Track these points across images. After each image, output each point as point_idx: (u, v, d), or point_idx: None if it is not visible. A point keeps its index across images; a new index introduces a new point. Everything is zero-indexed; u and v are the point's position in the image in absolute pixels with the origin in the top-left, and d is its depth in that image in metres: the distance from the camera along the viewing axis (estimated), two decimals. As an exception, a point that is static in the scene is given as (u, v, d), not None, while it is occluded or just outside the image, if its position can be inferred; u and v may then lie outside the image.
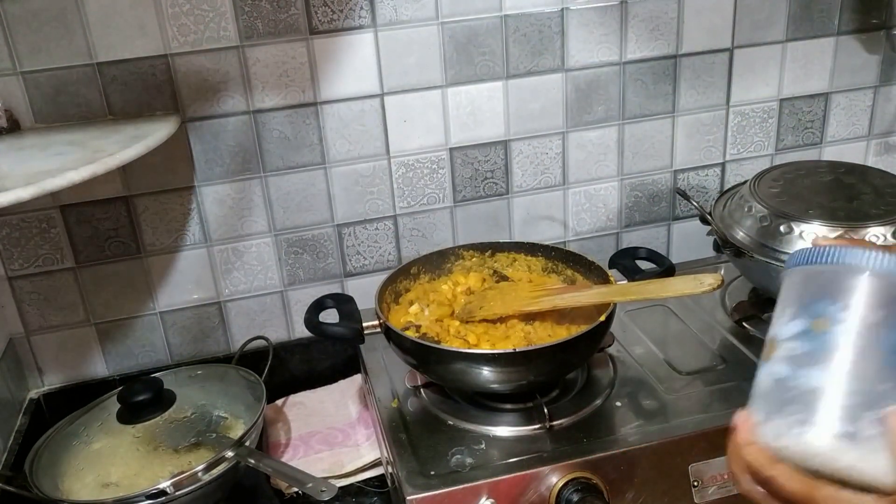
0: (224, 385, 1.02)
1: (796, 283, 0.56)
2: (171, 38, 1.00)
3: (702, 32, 1.18)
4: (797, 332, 0.55)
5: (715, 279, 0.80)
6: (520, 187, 1.20)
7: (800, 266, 0.55)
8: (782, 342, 0.55)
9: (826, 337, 0.52)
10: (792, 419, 0.52)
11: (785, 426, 0.53)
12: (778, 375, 0.54)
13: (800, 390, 0.53)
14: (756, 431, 0.54)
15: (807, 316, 0.54)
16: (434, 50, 1.09)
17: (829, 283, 0.54)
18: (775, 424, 0.53)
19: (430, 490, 0.80)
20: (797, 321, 0.55)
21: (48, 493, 0.85)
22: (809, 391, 0.52)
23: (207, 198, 1.09)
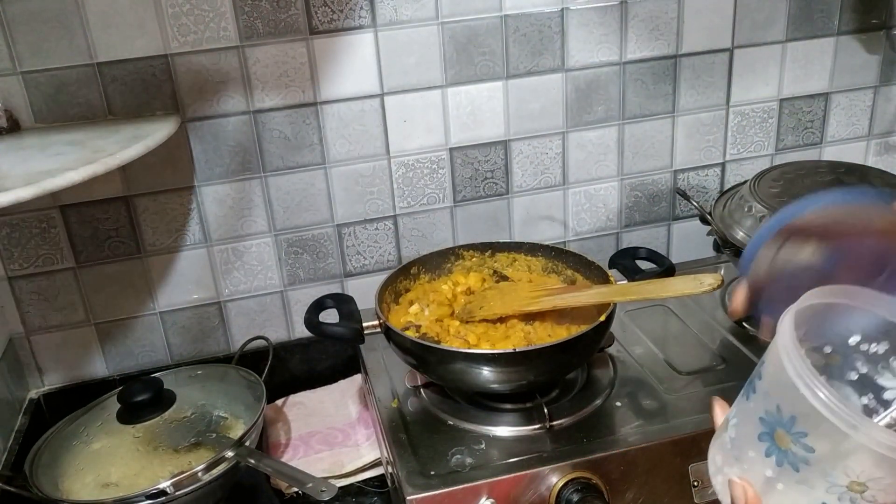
0: (224, 385, 1.02)
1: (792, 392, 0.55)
2: (171, 38, 1.00)
3: (702, 32, 1.18)
4: (754, 374, 0.55)
5: (715, 279, 0.80)
6: (520, 187, 1.20)
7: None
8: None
9: (751, 384, 0.53)
10: (713, 456, 0.56)
11: (713, 461, 0.56)
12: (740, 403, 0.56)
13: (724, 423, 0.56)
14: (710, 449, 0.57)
15: (759, 363, 0.54)
16: (434, 50, 1.09)
17: (775, 359, 0.52)
18: (713, 458, 0.56)
19: (430, 490, 0.80)
20: (765, 405, 0.53)
21: (48, 493, 0.85)
22: (725, 420, 0.56)
23: (207, 198, 1.09)
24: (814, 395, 0.47)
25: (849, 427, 0.46)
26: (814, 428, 0.48)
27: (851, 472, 0.47)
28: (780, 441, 0.50)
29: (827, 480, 0.48)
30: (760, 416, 0.51)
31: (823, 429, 0.47)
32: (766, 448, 0.51)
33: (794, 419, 0.49)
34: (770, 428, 0.50)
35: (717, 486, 0.55)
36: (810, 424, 0.48)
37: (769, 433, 0.50)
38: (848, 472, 0.47)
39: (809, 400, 0.47)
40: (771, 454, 0.50)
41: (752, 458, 0.52)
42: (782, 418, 0.49)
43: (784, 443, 0.50)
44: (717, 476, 0.55)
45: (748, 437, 0.52)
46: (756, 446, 0.51)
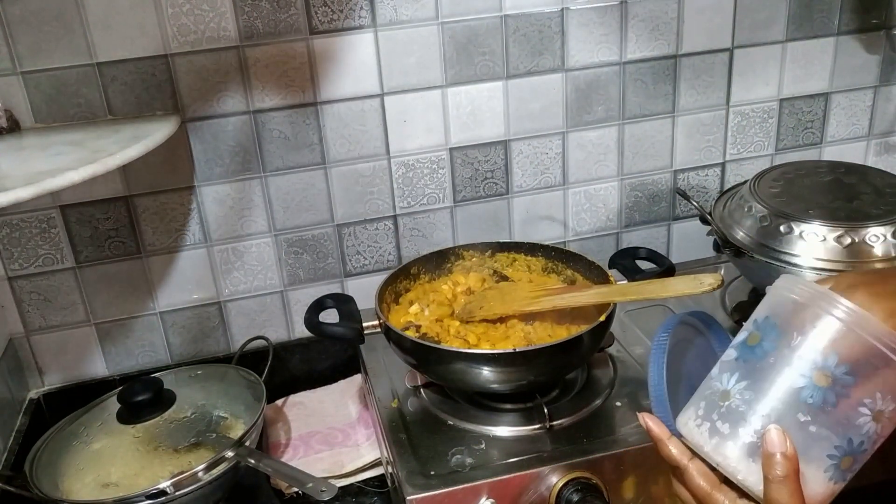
0: (224, 385, 1.02)
1: (767, 298, 0.60)
2: (171, 38, 1.00)
3: (702, 32, 1.18)
4: (738, 341, 0.60)
5: (715, 279, 0.80)
6: (520, 187, 1.20)
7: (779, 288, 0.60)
8: (730, 347, 0.60)
9: (754, 350, 0.57)
10: (707, 420, 0.58)
11: (703, 427, 0.58)
12: (711, 374, 0.60)
13: (713, 391, 0.59)
14: (683, 427, 0.60)
15: (751, 328, 0.59)
16: (434, 50, 1.09)
17: (777, 305, 0.59)
18: (697, 423, 0.59)
19: (430, 490, 0.80)
20: (743, 331, 0.60)
21: (48, 493, 0.85)
22: (720, 393, 0.58)
23: (207, 198, 1.09)
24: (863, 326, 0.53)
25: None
26: (857, 359, 0.53)
27: (881, 400, 0.53)
28: (821, 380, 0.54)
29: (860, 411, 0.53)
30: (792, 363, 0.55)
31: (869, 355, 0.53)
32: (803, 392, 0.54)
33: (838, 355, 0.53)
34: (808, 371, 0.54)
35: (723, 450, 0.57)
36: (855, 355, 0.53)
37: (808, 377, 0.54)
38: (877, 400, 0.53)
39: (854, 327, 0.53)
40: (809, 396, 0.54)
41: (779, 408, 0.55)
42: (825, 359, 0.54)
43: (825, 380, 0.54)
44: (725, 441, 0.57)
45: (772, 391, 0.55)
46: (787, 395, 0.55)
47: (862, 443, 0.54)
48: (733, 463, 0.56)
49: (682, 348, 0.68)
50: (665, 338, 0.66)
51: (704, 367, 0.62)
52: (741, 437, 0.56)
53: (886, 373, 0.53)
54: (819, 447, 0.54)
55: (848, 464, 0.55)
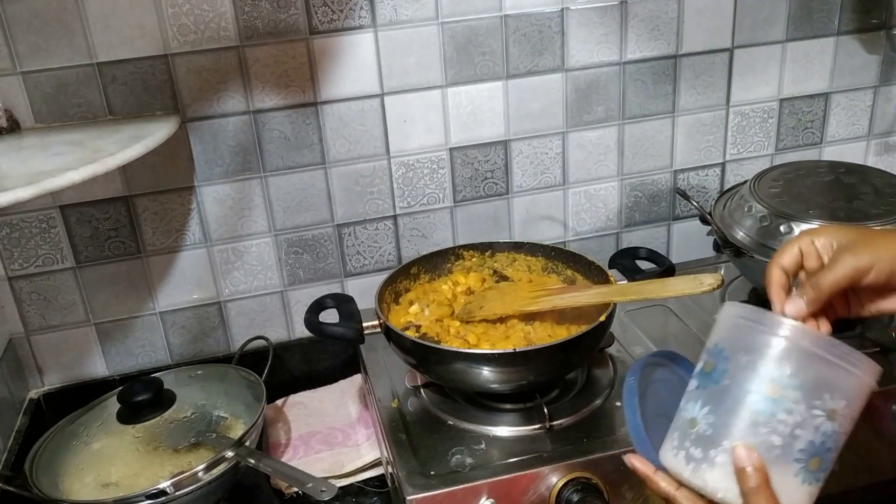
0: (224, 385, 1.02)
1: (715, 327, 0.65)
2: (171, 38, 1.00)
3: (702, 32, 1.18)
4: (697, 371, 0.64)
5: (715, 279, 0.80)
6: (520, 187, 1.20)
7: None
8: (692, 377, 0.64)
9: (710, 376, 0.62)
10: (682, 448, 0.62)
11: (680, 455, 0.62)
12: (680, 406, 0.64)
13: (683, 421, 0.63)
14: (664, 459, 0.64)
15: (705, 356, 0.64)
16: (434, 50, 1.09)
17: (724, 331, 0.63)
18: (674, 453, 0.63)
19: (430, 490, 0.80)
20: (700, 360, 0.64)
21: (48, 493, 0.85)
22: (688, 421, 0.62)
23: (207, 198, 1.09)
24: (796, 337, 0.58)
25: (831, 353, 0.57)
26: (798, 367, 0.58)
27: (830, 399, 0.57)
28: (771, 392, 0.58)
29: (813, 414, 0.57)
30: (743, 383, 0.59)
31: (807, 360, 0.58)
32: (757, 406, 0.58)
33: (780, 367, 0.58)
34: (758, 387, 0.58)
35: (702, 474, 0.60)
36: (795, 365, 0.58)
37: (759, 391, 0.58)
38: (827, 401, 0.57)
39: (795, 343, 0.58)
40: (763, 409, 0.58)
41: (740, 426, 0.59)
42: (769, 372, 0.58)
43: (775, 391, 0.58)
44: (701, 465, 0.60)
45: (731, 411, 0.59)
46: (744, 413, 0.59)
47: (824, 442, 0.58)
48: (711, 484, 0.60)
49: (657, 387, 0.73)
50: (633, 381, 0.71)
51: (678, 400, 0.66)
52: (713, 459, 0.60)
53: (829, 374, 0.57)
54: (784, 454, 0.58)
55: (816, 464, 0.58)
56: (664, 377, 0.74)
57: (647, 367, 0.73)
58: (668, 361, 0.76)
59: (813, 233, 0.65)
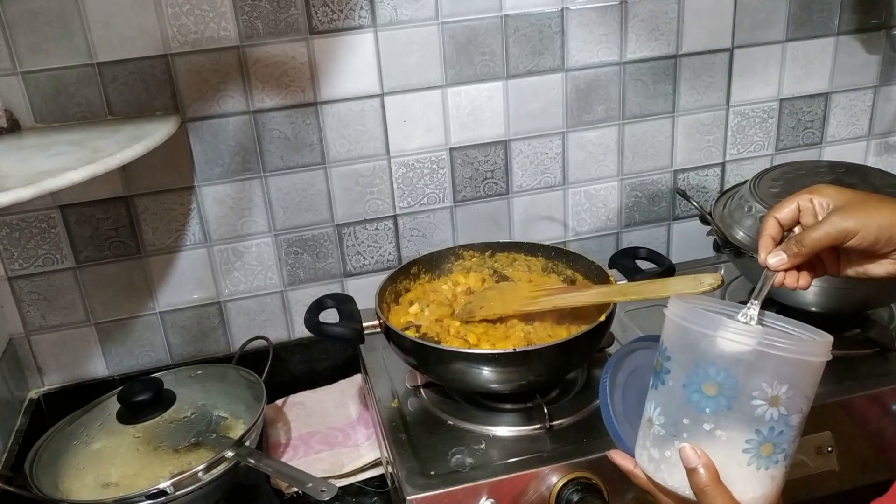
0: (224, 385, 1.02)
1: (664, 325, 0.66)
2: (171, 38, 1.00)
3: (702, 32, 1.18)
4: (654, 371, 0.65)
5: (715, 279, 0.80)
6: (520, 187, 1.20)
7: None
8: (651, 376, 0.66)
9: (659, 375, 0.63)
10: (643, 447, 0.65)
11: (644, 455, 0.65)
12: (645, 407, 0.66)
13: (644, 420, 0.65)
14: (637, 457, 0.66)
15: (657, 355, 0.65)
16: (434, 50, 1.09)
17: (667, 330, 0.64)
18: (639, 452, 0.66)
19: (430, 490, 0.80)
20: (655, 362, 0.66)
21: (48, 493, 0.85)
22: (647, 421, 0.64)
23: (207, 198, 1.09)
24: (721, 330, 0.59)
25: (757, 341, 0.57)
26: (729, 361, 0.58)
27: (768, 387, 0.58)
28: (708, 389, 0.59)
29: (753, 405, 0.58)
30: (683, 383, 0.61)
31: (737, 354, 0.58)
32: (699, 405, 0.60)
33: (713, 364, 0.59)
34: (696, 386, 0.60)
35: (662, 474, 0.63)
36: (726, 359, 0.58)
37: (697, 390, 0.60)
38: (765, 389, 0.58)
39: (720, 337, 0.58)
40: (705, 407, 0.60)
41: (687, 424, 0.61)
42: (705, 371, 0.59)
43: (712, 389, 0.59)
44: (660, 465, 0.63)
45: (677, 411, 0.61)
46: (688, 411, 0.60)
47: (772, 428, 0.59)
48: (671, 483, 0.63)
49: (641, 372, 0.74)
50: (606, 378, 0.73)
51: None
52: (669, 459, 0.62)
53: (764, 364, 0.58)
54: (731, 446, 0.59)
55: (769, 450, 0.59)
56: (648, 361, 0.74)
57: (626, 358, 0.75)
58: (652, 343, 0.75)
59: (813, 190, 0.67)
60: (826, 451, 0.90)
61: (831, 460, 0.90)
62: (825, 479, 0.91)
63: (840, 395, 0.91)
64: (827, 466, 0.90)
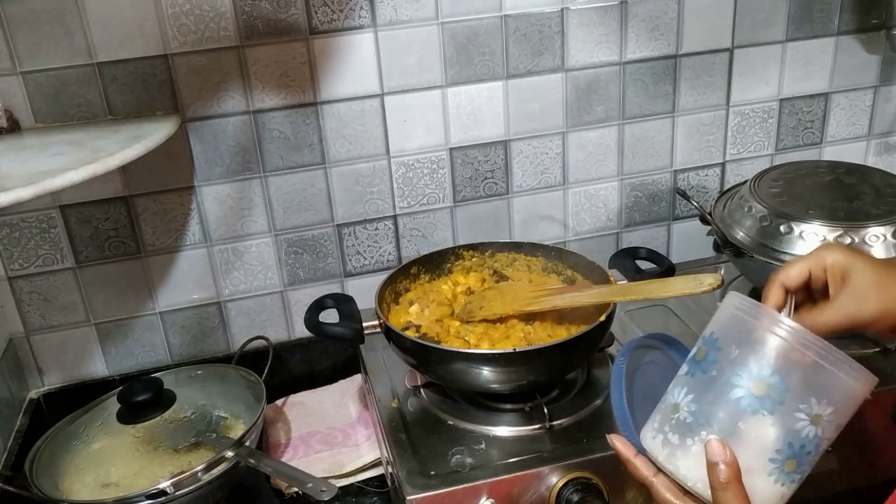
0: (224, 385, 1.02)
1: (715, 315, 0.64)
2: (171, 38, 1.00)
3: (702, 32, 1.18)
4: (689, 357, 0.63)
5: (715, 279, 0.80)
6: (520, 187, 1.20)
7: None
8: (684, 362, 0.64)
9: (700, 364, 0.61)
10: (661, 432, 0.62)
11: (658, 438, 0.62)
12: (668, 389, 0.64)
13: (666, 405, 0.63)
14: (644, 440, 0.64)
15: (700, 343, 0.63)
16: (434, 50, 1.09)
17: (722, 321, 0.62)
18: (653, 435, 0.63)
19: (430, 490, 0.80)
20: (695, 347, 0.63)
21: (48, 493, 0.85)
22: (671, 406, 0.62)
23: (207, 198, 1.09)
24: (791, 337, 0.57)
25: (824, 357, 0.56)
26: (787, 366, 0.57)
27: (815, 404, 0.56)
28: (757, 389, 0.57)
29: (796, 416, 0.57)
30: (730, 376, 0.58)
31: (799, 362, 0.56)
32: (741, 402, 0.58)
33: (769, 364, 0.57)
34: (745, 382, 0.58)
35: (675, 460, 0.61)
36: (784, 363, 0.57)
37: (745, 387, 0.58)
38: (813, 405, 0.56)
39: (789, 344, 0.57)
40: (747, 405, 0.58)
41: (721, 417, 0.59)
42: (760, 369, 0.57)
43: (760, 389, 0.57)
44: (675, 452, 0.60)
45: (714, 402, 0.59)
46: (727, 406, 0.58)
47: (803, 446, 0.57)
48: (682, 471, 0.60)
49: (649, 369, 0.72)
50: (622, 361, 0.70)
51: (668, 384, 0.65)
52: (689, 447, 0.60)
53: (819, 379, 0.57)
54: (760, 453, 0.58)
55: (792, 466, 0.58)
56: (657, 360, 0.74)
57: (639, 349, 0.73)
58: (661, 344, 0.75)
59: (827, 251, 0.62)
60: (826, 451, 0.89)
61: (831, 460, 0.90)
62: (825, 479, 0.91)
63: (840, 395, 0.91)
64: (827, 466, 0.90)
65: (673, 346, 0.75)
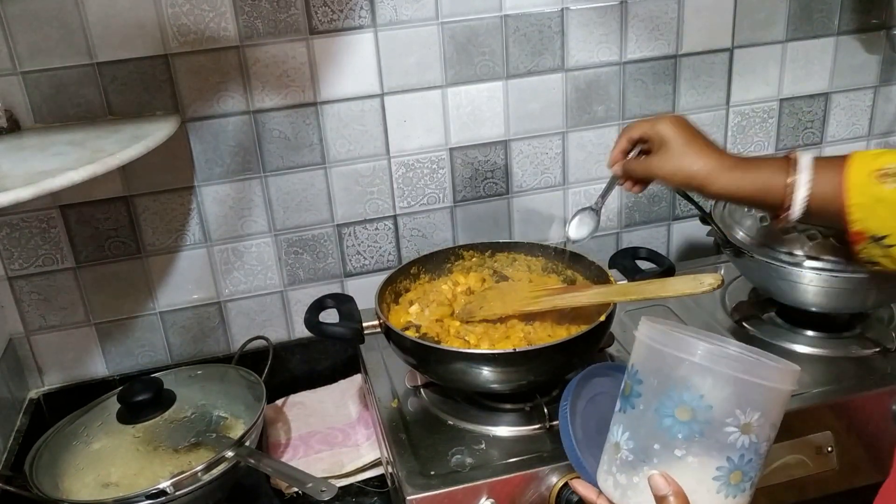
0: (224, 385, 1.02)
1: (634, 348, 0.65)
2: (171, 38, 1.00)
3: (702, 32, 1.18)
4: (620, 392, 0.64)
5: (715, 279, 0.80)
6: (520, 187, 1.20)
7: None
8: (618, 398, 0.65)
9: (629, 399, 0.62)
10: (608, 472, 0.63)
11: (609, 481, 0.63)
12: (610, 430, 0.65)
13: (609, 444, 0.64)
14: (600, 483, 0.65)
15: (625, 377, 0.64)
16: (434, 50, 1.09)
17: (639, 353, 0.63)
18: (604, 478, 0.64)
19: (430, 490, 0.80)
20: (623, 382, 0.65)
21: (48, 493, 0.85)
22: (613, 446, 0.63)
23: (207, 198, 1.09)
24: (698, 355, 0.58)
25: (735, 368, 0.57)
26: (704, 386, 0.57)
27: (741, 414, 0.57)
28: (682, 415, 0.58)
29: (726, 431, 0.58)
30: (655, 407, 0.60)
31: (714, 380, 0.57)
32: (672, 430, 0.59)
33: (688, 389, 0.58)
34: (669, 411, 0.59)
35: (629, 500, 0.62)
36: (701, 384, 0.58)
37: (670, 415, 0.59)
38: (738, 416, 0.57)
39: (699, 362, 0.57)
40: (677, 432, 0.59)
41: (657, 449, 0.60)
42: (680, 395, 0.58)
43: (685, 414, 0.58)
44: (626, 491, 0.61)
45: (647, 436, 0.60)
46: (659, 436, 0.59)
47: (742, 455, 0.58)
48: None
49: (602, 399, 0.75)
50: (566, 406, 0.73)
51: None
52: (636, 485, 0.61)
53: (739, 391, 0.57)
54: (702, 473, 0.59)
55: (738, 478, 0.59)
56: (608, 388, 0.76)
57: (585, 385, 0.76)
58: (611, 371, 0.77)
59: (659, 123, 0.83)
60: (826, 451, 0.89)
61: (831, 460, 0.90)
62: (825, 479, 0.91)
63: (840, 395, 0.91)
64: (827, 466, 0.90)
65: (622, 370, 0.76)
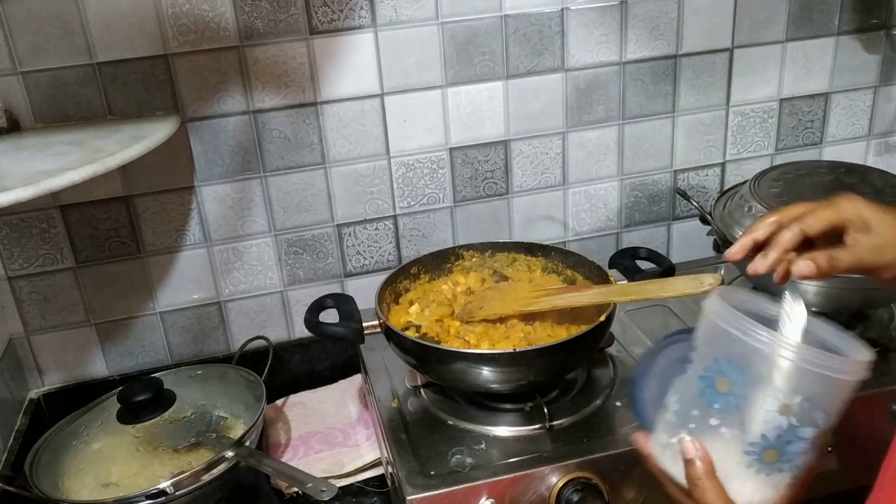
0: (224, 385, 1.02)
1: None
2: (171, 38, 1.00)
3: (702, 32, 1.18)
4: (680, 359, 0.64)
5: (715, 279, 0.80)
6: (520, 187, 1.20)
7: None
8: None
9: (684, 364, 0.63)
10: (659, 432, 0.64)
11: (654, 437, 0.65)
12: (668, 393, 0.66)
13: (662, 406, 0.64)
14: (652, 439, 0.65)
15: (688, 349, 0.64)
16: (434, 50, 1.09)
17: (700, 322, 0.64)
18: (655, 436, 0.65)
19: (430, 490, 0.80)
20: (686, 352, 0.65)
21: (48, 493, 0.85)
22: (664, 407, 0.64)
23: (207, 198, 1.09)
24: (744, 331, 0.57)
25: (775, 348, 0.56)
26: (744, 361, 0.58)
27: (781, 395, 0.57)
28: (720, 386, 0.59)
29: (763, 409, 0.57)
30: (700, 374, 0.60)
31: (755, 359, 0.57)
32: (710, 399, 0.59)
33: (729, 361, 0.58)
34: (710, 381, 0.59)
35: (667, 459, 0.63)
36: (741, 359, 0.58)
37: (710, 385, 0.59)
38: (778, 396, 0.57)
39: (742, 338, 0.57)
40: (714, 402, 0.59)
41: (695, 415, 0.60)
42: (720, 367, 0.59)
43: (724, 386, 0.59)
44: (665, 451, 0.63)
45: (690, 402, 0.61)
46: (699, 404, 0.60)
47: (780, 436, 0.58)
48: (673, 470, 0.63)
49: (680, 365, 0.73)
50: (647, 360, 0.72)
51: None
52: (673, 446, 0.62)
53: (778, 371, 0.57)
54: (733, 445, 0.59)
55: (773, 456, 0.59)
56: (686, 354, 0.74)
57: (670, 346, 0.73)
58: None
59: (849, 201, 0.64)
60: (826, 451, 0.90)
61: (831, 460, 0.90)
62: (825, 479, 0.91)
63: (840, 395, 0.91)
64: (827, 466, 0.90)
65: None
